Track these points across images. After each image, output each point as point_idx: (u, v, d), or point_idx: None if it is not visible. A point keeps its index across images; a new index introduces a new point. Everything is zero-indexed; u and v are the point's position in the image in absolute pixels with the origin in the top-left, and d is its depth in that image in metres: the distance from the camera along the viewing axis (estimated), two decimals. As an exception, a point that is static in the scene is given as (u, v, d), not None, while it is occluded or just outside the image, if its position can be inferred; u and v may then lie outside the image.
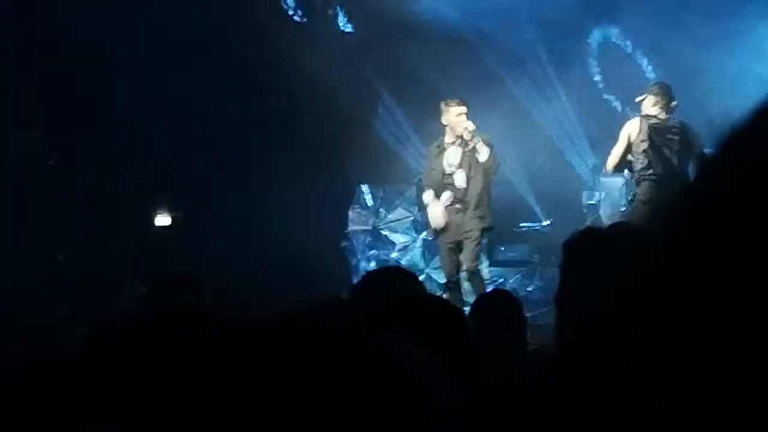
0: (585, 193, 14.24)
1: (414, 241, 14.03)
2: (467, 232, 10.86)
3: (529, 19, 14.61)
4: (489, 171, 10.93)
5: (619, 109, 15.30)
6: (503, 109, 13.88)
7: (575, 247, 2.39)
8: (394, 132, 14.99)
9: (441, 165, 11.06)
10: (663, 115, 10.86)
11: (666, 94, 10.95)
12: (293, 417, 1.66)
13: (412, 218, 14.11)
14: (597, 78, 15.45)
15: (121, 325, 2.05)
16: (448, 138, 11.08)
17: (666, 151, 10.72)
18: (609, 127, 13.90)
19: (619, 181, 13.70)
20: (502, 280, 13.58)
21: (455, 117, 10.95)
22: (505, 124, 13.58)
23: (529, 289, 13.32)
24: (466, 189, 10.91)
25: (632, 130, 10.90)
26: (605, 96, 15.39)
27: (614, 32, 15.59)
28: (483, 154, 10.85)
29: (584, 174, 14.72)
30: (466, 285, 11.05)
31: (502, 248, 14.15)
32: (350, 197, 14.22)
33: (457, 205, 10.94)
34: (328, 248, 13.84)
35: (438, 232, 11.09)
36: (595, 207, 13.92)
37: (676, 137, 10.77)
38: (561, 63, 14.90)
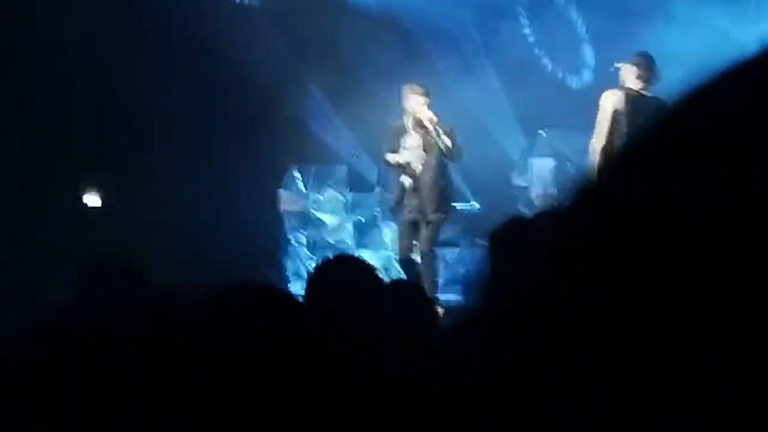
0: (515, 175, 14.30)
1: (344, 221, 14.03)
2: (424, 216, 10.99)
3: None
4: (449, 160, 11.09)
5: (557, 75, 15.21)
6: (428, 87, 13.98)
7: (500, 238, 2.39)
8: (320, 112, 14.96)
9: (398, 148, 11.13)
10: (645, 92, 9.93)
11: (649, 66, 10.03)
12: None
13: (343, 199, 14.11)
14: (534, 49, 15.28)
15: (53, 320, 2.01)
16: (407, 122, 11.12)
17: None
18: (544, 100, 13.92)
19: (549, 162, 13.79)
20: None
21: (418, 105, 11.01)
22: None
23: (461, 271, 13.36)
24: (422, 173, 10.99)
25: (616, 102, 9.90)
26: (543, 61, 15.24)
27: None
28: (445, 143, 10.95)
29: (514, 155, 14.76)
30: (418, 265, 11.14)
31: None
32: (280, 178, 14.16)
33: (414, 191, 11.02)
34: (259, 228, 13.79)
35: (396, 211, 11.29)
36: (525, 189, 13.99)
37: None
38: (491, 34, 14.85)
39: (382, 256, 13.58)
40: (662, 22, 13.79)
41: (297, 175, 14.13)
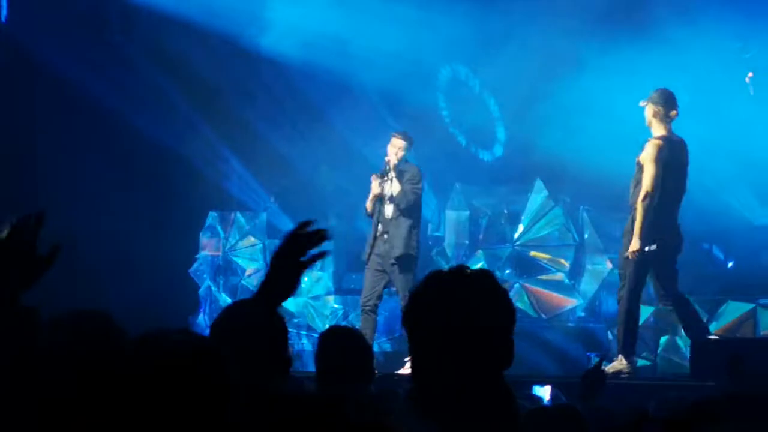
0: (430, 225, 14.63)
1: (263, 267, 14.19)
2: (392, 264, 11.11)
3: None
4: (399, 205, 11.14)
5: (463, 143, 15.84)
6: (332, 143, 14.43)
7: (420, 296, 2.62)
8: (228, 165, 15.27)
9: (380, 194, 11.27)
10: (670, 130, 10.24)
11: (665, 102, 10.23)
12: None
13: (261, 245, 14.30)
14: (444, 113, 15.93)
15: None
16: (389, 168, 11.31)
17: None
18: (454, 164, 14.46)
19: (463, 214, 14.18)
20: (345, 309, 13.86)
21: (389, 148, 11.27)
22: (335, 156, 14.13)
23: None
24: (390, 219, 11.17)
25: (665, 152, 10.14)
26: (451, 130, 15.88)
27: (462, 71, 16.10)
28: (395, 188, 11.15)
29: (427, 213, 15.12)
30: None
31: (353, 276, 14.47)
32: (201, 223, 14.36)
33: (385, 235, 11.19)
34: (178, 273, 13.96)
35: (368, 257, 11.29)
36: (440, 239, 14.35)
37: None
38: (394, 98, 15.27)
39: (299, 301, 13.82)
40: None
41: (217, 220, 14.32)
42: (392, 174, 11.18)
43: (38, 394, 2.19)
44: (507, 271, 13.71)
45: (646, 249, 9.90)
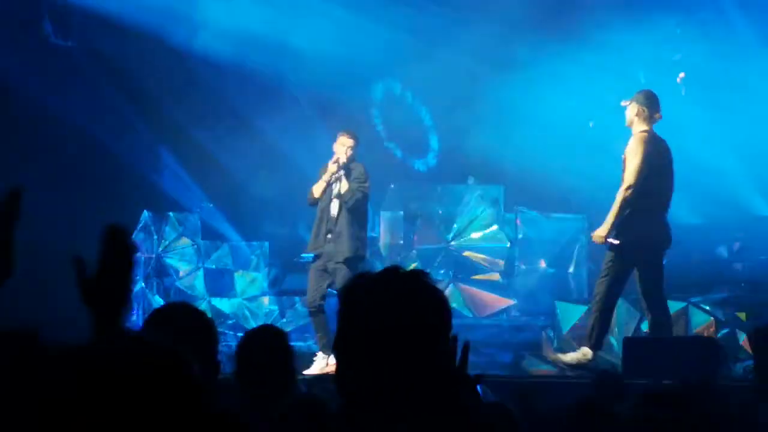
0: (368, 227, 14.64)
1: (196, 269, 14.13)
2: (337, 262, 11.01)
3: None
4: (347, 203, 11.07)
5: (400, 156, 15.96)
6: (265, 147, 14.42)
7: (349, 295, 2.57)
8: (165, 164, 15.21)
9: (326, 193, 11.23)
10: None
11: (650, 103, 10.06)
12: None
13: (195, 246, 14.22)
14: (379, 128, 16.04)
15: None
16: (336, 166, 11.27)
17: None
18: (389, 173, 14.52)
19: (398, 215, 14.21)
20: (281, 309, 13.82)
21: (337, 146, 11.21)
22: (271, 161, 14.14)
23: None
24: (336, 218, 11.11)
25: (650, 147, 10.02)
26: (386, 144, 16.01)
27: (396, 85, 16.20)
28: (343, 186, 11.11)
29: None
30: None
31: (288, 277, 14.45)
32: (134, 225, 14.24)
33: (329, 235, 11.12)
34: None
35: (313, 259, 11.21)
36: (375, 239, 14.35)
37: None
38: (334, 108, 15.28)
39: (234, 303, 13.77)
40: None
41: (150, 221, 14.22)
42: (341, 173, 11.14)
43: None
44: (441, 271, 13.76)
45: (610, 240, 9.88)
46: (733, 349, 10.30)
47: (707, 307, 11.16)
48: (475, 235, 13.89)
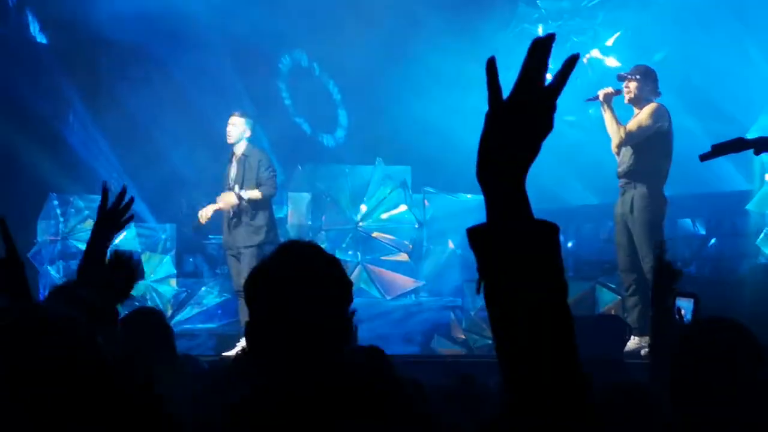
0: (273, 207, 14.58)
1: (102, 251, 13.96)
2: (242, 247, 11.00)
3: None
4: (264, 194, 11.07)
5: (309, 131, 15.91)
6: (190, 126, 14.27)
7: (253, 273, 2.58)
8: (85, 142, 14.98)
9: (226, 177, 11.21)
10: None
11: (650, 78, 9.68)
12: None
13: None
14: (287, 102, 15.96)
15: None
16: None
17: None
18: (298, 148, 14.47)
19: (306, 196, 14.17)
20: (188, 291, 13.75)
21: (230, 128, 11.12)
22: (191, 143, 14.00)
23: (218, 300, 13.59)
24: (239, 203, 11.06)
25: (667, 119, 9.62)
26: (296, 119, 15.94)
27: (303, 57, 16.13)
28: (237, 172, 11.06)
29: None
30: None
31: (191, 259, 14.38)
32: (40, 207, 14.03)
33: (234, 219, 11.08)
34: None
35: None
36: (282, 220, 14.31)
37: None
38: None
39: (140, 285, 13.64)
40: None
41: (56, 204, 14.02)
42: (236, 156, 11.07)
43: None
44: (350, 252, 13.76)
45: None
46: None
47: (613, 286, 11.31)
48: (384, 215, 13.91)
